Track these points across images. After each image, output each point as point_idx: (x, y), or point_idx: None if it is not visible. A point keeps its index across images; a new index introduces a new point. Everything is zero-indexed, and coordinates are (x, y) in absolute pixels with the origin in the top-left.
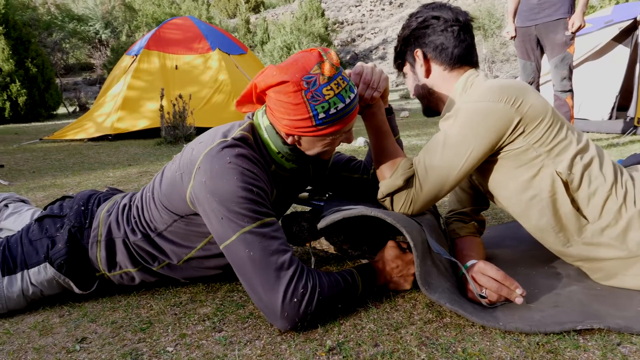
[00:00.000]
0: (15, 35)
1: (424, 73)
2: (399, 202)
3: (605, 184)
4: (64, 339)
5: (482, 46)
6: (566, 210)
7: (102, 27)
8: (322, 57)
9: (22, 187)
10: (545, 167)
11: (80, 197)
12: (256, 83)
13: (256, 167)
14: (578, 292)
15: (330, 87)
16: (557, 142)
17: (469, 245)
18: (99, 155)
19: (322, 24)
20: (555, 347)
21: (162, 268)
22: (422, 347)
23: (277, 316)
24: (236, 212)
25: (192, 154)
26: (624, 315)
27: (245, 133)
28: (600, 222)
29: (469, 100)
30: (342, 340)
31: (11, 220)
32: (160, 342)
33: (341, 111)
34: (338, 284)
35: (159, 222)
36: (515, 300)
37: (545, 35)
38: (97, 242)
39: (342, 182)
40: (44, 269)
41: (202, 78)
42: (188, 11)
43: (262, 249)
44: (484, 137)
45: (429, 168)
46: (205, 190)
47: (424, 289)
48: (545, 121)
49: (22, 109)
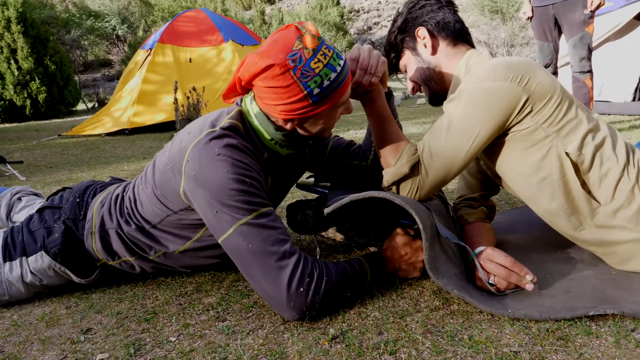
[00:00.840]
0: (34, 34)
1: (430, 51)
2: (405, 189)
3: (617, 164)
4: (69, 330)
5: (501, 30)
6: (577, 193)
7: (119, 23)
8: (300, 30)
9: (38, 182)
10: (554, 147)
11: (77, 189)
12: (239, 76)
13: (247, 156)
14: (591, 277)
15: (318, 59)
16: (567, 122)
17: (478, 231)
18: (115, 149)
19: (338, 12)
20: (565, 334)
21: (158, 257)
22: (428, 334)
23: (284, 306)
24: (230, 206)
25: (181, 145)
26: (638, 300)
27: (233, 121)
28: (613, 204)
29: (473, 80)
30: (346, 329)
31: (24, 213)
32: (163, 332)
33: (335, 81)
34: (346, 272)
35: (153, 216)
36: (526, 287)
37: (563, 14)
38: (92, 233)
39: (342, 169)
40: (41, 257)
41: (216, 70)
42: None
43: (260, 240)
44: (490, 118)
45: (434, 153)
46: (196, 184)
47: (431, 274)
48: (553, 99)
49: (42, 106)
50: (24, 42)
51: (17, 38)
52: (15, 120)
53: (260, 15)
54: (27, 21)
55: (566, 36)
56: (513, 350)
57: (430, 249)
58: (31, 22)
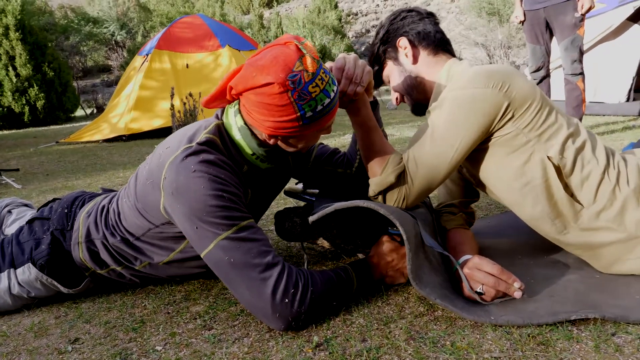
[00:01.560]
0: (32, 40)
1: (411, 60)
2: (392, 199)
3: (598, 166)
4: (57, 340)
5: (498, 32)
6: (560, 196)
7: (118, 29)
8: (301, 50)
9: (34, 190)
10: (536, 152)
11: (65, 200)
12: (231, 85)
13: (224, 171)
14: (575, 281)
15: (316, 83)
16: (548, 126)
17: (460, 238)
18: (111, 156)
19: (336, 16)
20: (546, 339)
21: (144, 267)
22: (411, 341)
23: (270, 317)
24: (209, 222)
25: (159, 160)
26: (620, 304)
27: (210, 136)
28: (596, 206)
29: (454, 88)
30: (330, 336)
31: (15, 226)
32: (150, 342)
33: (327, 106)
34: (331, 281)
35: (135, 229)
36: (514, 295)
37: (554, 18)
38: (79, 243)
39: (326, 176)
40: (28, 269)
41: (213, 75)
42: (202, 9)
43: (242, 253)
44: (472, 124)
45: (419, 162)
46: (174, 201)
47: (414, 283)
48: (534, 105)
49: (40, 113)
50: (23, 49)
51: (15, 45)
52: (13, 127)
53: (258, 20)
54: (26, 28)
55: (558, 39)
56: (494, 356)
57: (414, 258)
58: (29, 29)
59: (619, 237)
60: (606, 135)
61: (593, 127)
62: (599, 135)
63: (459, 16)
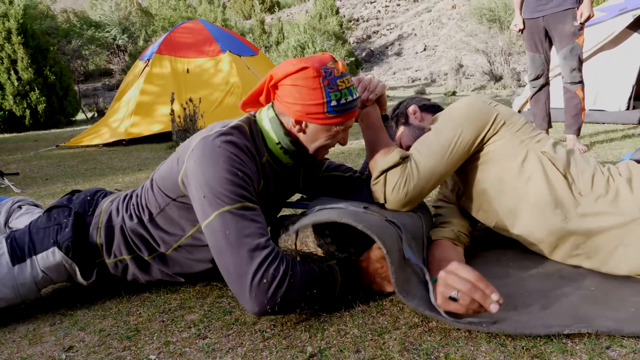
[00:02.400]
0: (34, 44)
1: (419, 119)
2: (393, 179)
3: (589, 165)
4: (51, 347)
5: (499, 39)
6: (559, 186)
7: (120, 33)
8: (335, 58)
9: (33, 195)
10: (531, 150)
11: (88, 190)
12: (271, 74)
13: (244, 154)
14: (569, 294)
15: (343, 80)
16: (537, 133)
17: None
18: (111, 160)
19: (337, 22)
20: (541, 352)
21: (153, 258)
22: (404, 352)
23: (247, 298)
24: (218, 192)
25: (190, 141)
26: (615, 317)
27: (241, 123)
28: (593, 194)
29: (451, 106)
30: (324, 347)
31: (23, 219)
32: (144, 350)
33: (350, 103)
34: (312, 272)
35: (153, 206)
36: (490, 308)
37: (553, 26)
38: (98, 228)
39: (333, 181)
40: (52, 253)
41: (214, 81)
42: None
43: (238, 229)
44: (470, 121)
45: (422, 153)
46: (193, 169)
47: (401, 297)
48: (521, 120)
49: (41, 117)
50: (24, 53)
51: (17, 49)
52: (14, 130)
53: (260, 25)
54: (28, 32)
55: (557, 47)
56: None
57: (397, 272)
58: (31, 33)
59: (617, 220)
60: (605, 144)
61: (592, 135)
62: (599, 143)
63: (459, 23)
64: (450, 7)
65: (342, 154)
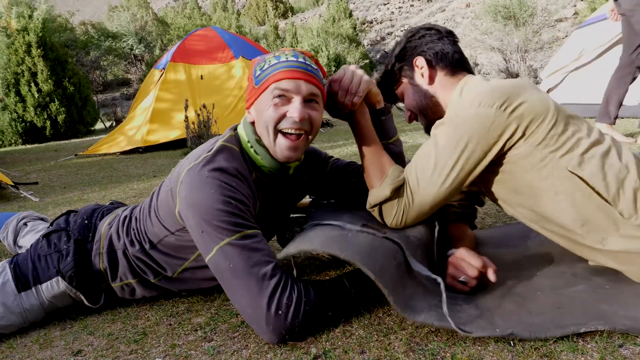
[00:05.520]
0: (53, 57)
1: (427, 80)
2: (390, 212)
3: (630, 174)
4: (61, 352)
5: (514, 35)
6: (593, 206)
7: (136, 43)
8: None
9: (50, 203)
10: (555, 168)
11: (84, 212)
12: None
13: (235, 179)
14: (583, 292)
15: (275, 54)
16: (565, 140)
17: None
18: (127, 168)
19: (350, 24)
20: (550, 351)
21: (159, 280)
22: (410, 353)
23: (264, 329)
24: (215, 225)
25: (179, 169)
26: (631, 315)
27: (225, 143)
28: (638, 219)
29: (459, 107)
30: (329, 348)
31: (28, 237)
32: (150, 354)
33: (274, 65)
34: (325, 292)
35: (153, 236)
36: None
37: None
38: (100, 254)
39: (341, 189)
40: (56, 283)
41: (227, 86)
42: (218, 22)
43: (242, 260)
44: (476, 144)
45: (420, 179)
46: (187, 205)
47: (406, 315)
48: (547, 120)
49: (61, 127)
50: (44, 66)
51: (37, 62)
52: (36, 141)
53: (274, 30)
54: (47, 45)
55: None
56: None
57: (395, 292)
58: (50, 46)
59: None
60: (623, 138)
61: None
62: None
63: (474, 21)
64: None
65: (345, 157)
